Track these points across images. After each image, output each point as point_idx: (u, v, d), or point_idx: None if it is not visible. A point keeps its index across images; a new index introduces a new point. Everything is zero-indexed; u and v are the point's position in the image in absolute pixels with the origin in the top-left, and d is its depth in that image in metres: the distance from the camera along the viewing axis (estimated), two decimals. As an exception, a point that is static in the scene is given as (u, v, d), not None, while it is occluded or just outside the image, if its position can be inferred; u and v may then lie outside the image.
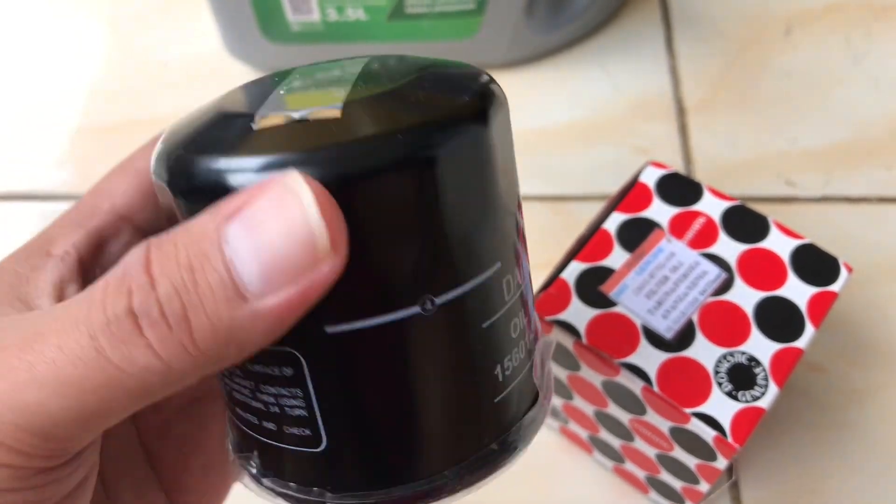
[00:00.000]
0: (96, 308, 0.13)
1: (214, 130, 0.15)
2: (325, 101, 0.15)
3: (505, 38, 0.44)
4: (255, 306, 0.13)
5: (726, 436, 0.25)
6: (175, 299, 0.13)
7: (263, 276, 0.13)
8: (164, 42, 0.49)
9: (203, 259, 0.13)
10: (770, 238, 0.29)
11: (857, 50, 0.46)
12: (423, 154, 0.14)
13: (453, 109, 0.15)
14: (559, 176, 0.42)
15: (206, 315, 0.13)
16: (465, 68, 0.17)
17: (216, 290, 0.13)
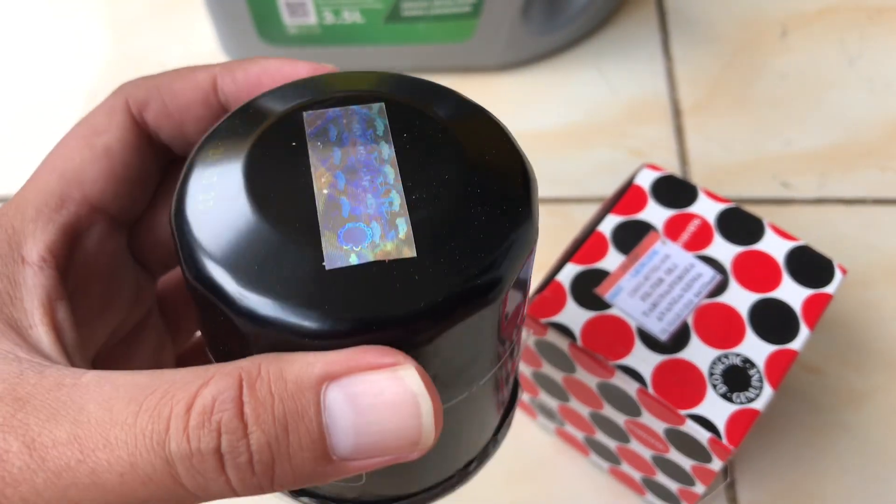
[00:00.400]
0: (178, 436, 0.13)
1: (278, 261, 0.14)
2: (389, 221, 0.15)
3: (501, 40, 0.44)
4: (339, 465, 0.14)
5: (721, 437, 0.26)
6: (265, 451, 0.13)
7: (356, 450, 0.14)
8: (161, 44, 0.49)
9: (298, 418, 0.13)
10: (765, 240, 0.29)
11: (852, 52, 0.47)
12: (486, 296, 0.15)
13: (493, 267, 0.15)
14: (555, 178, 0.42)
15: (291, 467, 0.13)
16: (507, 154, 0.17)
17: (306, 450, 0.13)
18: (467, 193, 0.15)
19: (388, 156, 0.16)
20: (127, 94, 0.19)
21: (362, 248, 0.14)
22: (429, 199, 0.15)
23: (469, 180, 0.15)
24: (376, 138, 0.16)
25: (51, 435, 0.13)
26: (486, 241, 0.15)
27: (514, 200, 0.16)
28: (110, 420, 0.13)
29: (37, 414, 0.14)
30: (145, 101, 0.19)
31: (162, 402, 0.13)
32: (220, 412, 0.13)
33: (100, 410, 0.13)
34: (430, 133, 0.16)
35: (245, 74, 0.19)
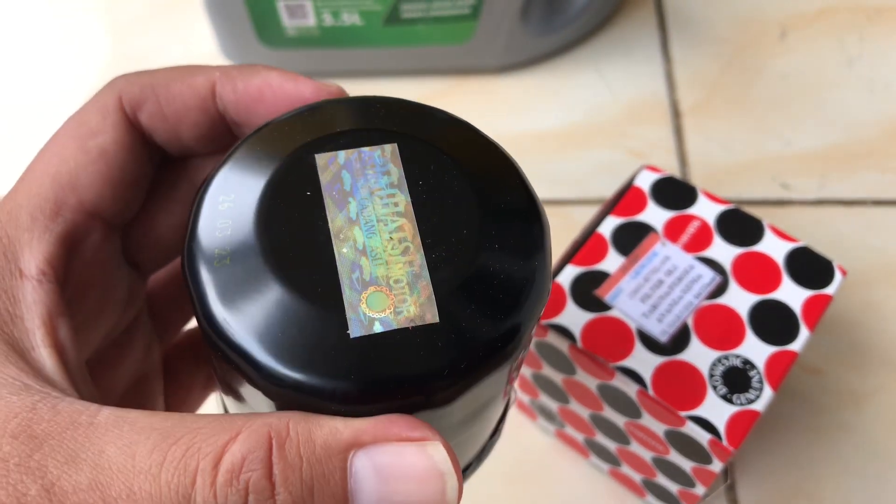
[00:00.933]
0: (205, 491, 0.13)
1: (301, 327, 0.14)
2: (411, 284, 0.15)
3: (500, 42, 0.44)
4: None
5: (721, 439, 0.26)
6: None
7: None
8: (160, 46, 0.49)
9: (325, 482, 0.13)
10: (764, 241, 0.29)
11: (851, 53, 0.46)
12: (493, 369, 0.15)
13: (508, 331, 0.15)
14: (555, 179, 0.42)
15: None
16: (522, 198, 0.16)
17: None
18: (486, 247, 0.15)
19: (405, 208, 0.16)
20: (120, 91, 0.18)
21: (386, 316, 0.14)
22: (448, 257, 0.15)
23: (487, 232, 0.15)
24: (391, 185, 0.16)
25: (71, 480, 0.13)
26: (506, 301, 0.15)
27: (530, 251, 0.16)
28: (133, 468, 0.13)
29: (55, 455, 0.13)
30: (140, 101, 0.18)
31: (188, 453, 0.13)
32: (250, 472, 0.13)
33: (122, 456, 0.13)
34: (446, 179, 0.16)
35: (246, 85, 0.18)
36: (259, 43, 0.44)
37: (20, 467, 0.13)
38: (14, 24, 0.51)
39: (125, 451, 0.13)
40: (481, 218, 0.16)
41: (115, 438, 0.13)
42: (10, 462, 0.13)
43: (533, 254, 0.16)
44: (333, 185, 0.16)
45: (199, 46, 0.48)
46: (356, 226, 0.15)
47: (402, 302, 0.14)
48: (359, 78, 0.46)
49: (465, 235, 0.15)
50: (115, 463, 0.13)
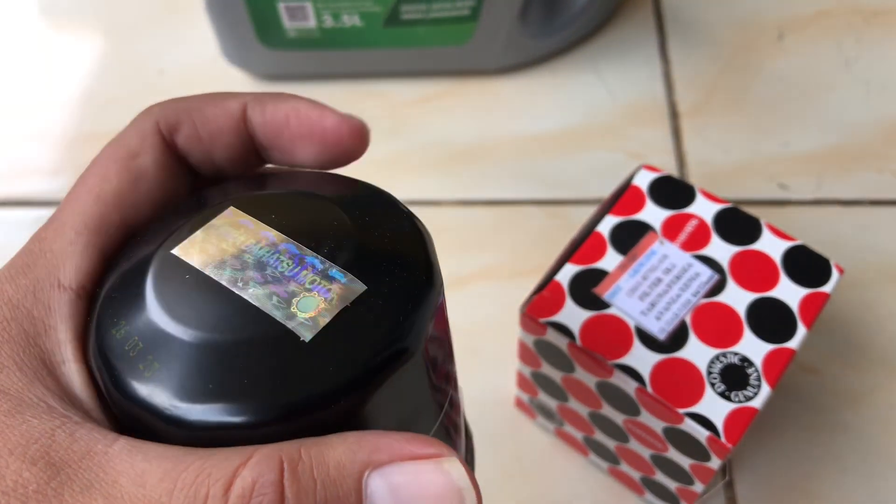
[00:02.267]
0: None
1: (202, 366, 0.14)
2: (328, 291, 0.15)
3: (499, 43, 0.44)
4: None
5: (719, 436, 0.26)
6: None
7: None
8: (161, 49, 0.49)
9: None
10: (762, 240, 0.29)
11: (849, 55, 0.47)
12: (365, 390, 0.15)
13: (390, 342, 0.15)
14: (554, 180, 0.43)
15: None
16: (402, 236, 0.17)
17: None
18: (368, 269, 0.16)
19: (279, 238, 0.16)
20: (157, 117, 0.18)
21: (323, 309, 0.15)
22: (335, 278, 0.16)
23: (367, 257, 0.16)
24: (257, 238, 0.16)
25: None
26: (393, 312, 0.15)
27: (413, 268, 0.16)
28: (143, 497, 0.13)
29: (70, 484, 0.13)
30: (176, 124, 0.18)
31: (198, 480, 0.13)
32: (261, 495, 0.13)
33: (132, 486, 0.13)
34: (322, 220, 0.17)
35: (274, 110, 0.18)
36: (260, 44, 0.44)
37: (38, 494, 0.13)
38: (11, 30, 0.51)
39: (136, 481, 0.13)
40: (361, 242, 0.16)
41: (128, 468, 0.13)
42: (28, 488, 0.13)
43: (417, 270, 0.16)
44: (207, 262, 0.16)
45: (199, 50, 0.49)
46: (248, 269, 0.15)
47: (327, 293, 0.15)
48: (359, 79, 0.47)
49: (348, 260, 0.16)
50: (127, 492, 0.13)
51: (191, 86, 0.47)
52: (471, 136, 0.45)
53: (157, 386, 0.14)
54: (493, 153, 0.44)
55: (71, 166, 0.45)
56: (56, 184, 0.44)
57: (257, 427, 0.14)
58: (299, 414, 0.14)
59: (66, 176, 0.44)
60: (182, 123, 0.18)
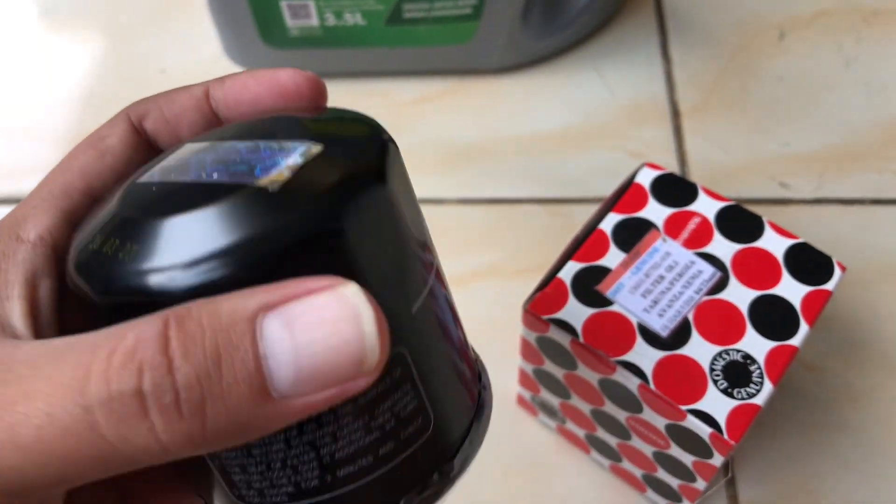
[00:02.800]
0: (97, 379, 0.12)
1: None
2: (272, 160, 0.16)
3: (501, 42, 0.44)
4: (279, 405, 0.12)
5: (722, 432, 0.26)
6: (195, 389, 0.12)
7: (297, 380, 0.12)
8: (163, 48, 0.49)
9: (233, 350, 0.12)
10: (764, 237, 0.29)
11: (849, 55, 0.47)
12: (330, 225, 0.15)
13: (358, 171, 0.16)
14: (555, 179, 0.43)
15: (226, 408, 0.12)
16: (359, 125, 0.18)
17: (242, 386, 0.12)
18: (324, 139, 0.16)
19: (243, 145, 0.17)
20: (128, 110, 0.20)
21: (293, 160, 0.15)
22: (292, 150, 0.16)
23: (322, 134, 0.17)
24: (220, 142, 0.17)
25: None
26: (352, 157, 0.16)
27: (366, 129, 0.17)
28: (33, 375, 0.13)
29: None
30: (145, 112, 0.19)
31: (86, 352, 0.12)
32: (143, 351, 0.12)
33: (25, 368, 0.13)
34: (277, 126, 0.17)
35: (232, 81, 0.19)
36: (262, 43, 0.44)
37: None
38: (12, 29, 0.51)
39: (29, 364, 0.13)
40: (312, 122, 0.17)
41: (26, 356, 0.13)
42: None
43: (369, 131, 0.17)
44: (170, 171, 0.17)
45: (202, 47, 0.49)
46: (210, 166, 0.16)
47: (285, 160, 0.15)
48: (361, 78, 0.47)
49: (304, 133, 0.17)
50: (19, 374, 0.13)
51: (193, 84, 0.47)
52: (473, 135, 0.45)
53: (138, 262, 0.14)
54: (494, 152, 0.44)
55: (73, 164, 0.45)
56: (58, 182, 0.44)
57: (237, 285, 0.13)
58: (275, 263, 0.13)
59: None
60: (150, 110, 0.19)
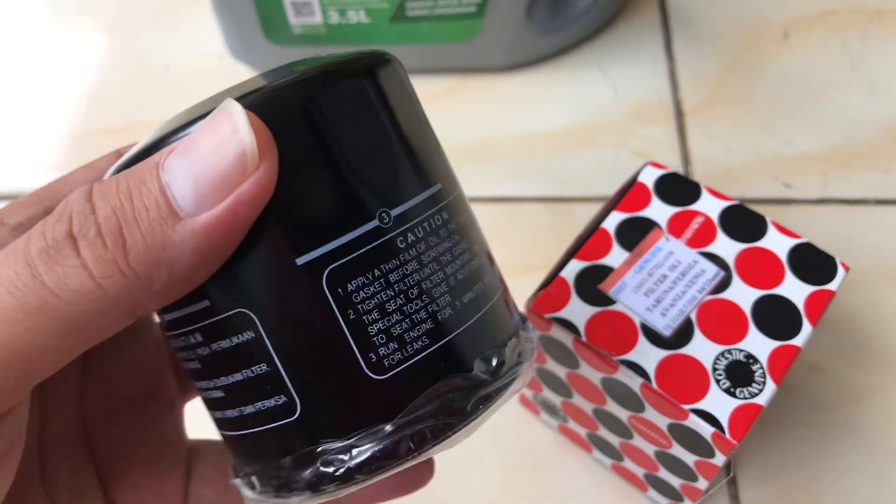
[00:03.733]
0: (36, 237, 0.14)
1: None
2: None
3: (505, 40, 0.44)
4: (188, 224, 0.14)
5: (724, 432, 0.26)
6: (112, 220, 0.13)
7: (196, 193, 0.14)
8: (166, 44, 0.49)
9: (140, 185, 0.14)
10: (768, 237, 0.29)
11: (854, 54, 0.47)
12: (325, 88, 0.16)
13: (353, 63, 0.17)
14: (559, 177, 0.43)
15: (141, 233, 0.13)
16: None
17: (151, 210, 0.13)
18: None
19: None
20: (120, 148, 0.21)
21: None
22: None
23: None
24: None
25: None
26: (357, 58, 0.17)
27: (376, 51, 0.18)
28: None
29: None
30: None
31: (31, 231, 0.14)
32: (72, 204, 0.14)
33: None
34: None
35: None
36: (265, 40, 0.44)
37: None
38: (16, 25, 0.51)
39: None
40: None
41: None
42: None
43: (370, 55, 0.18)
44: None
45: (205, 45, 0.49)
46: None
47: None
48: (364, 76, 0.47)
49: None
50: None
51: (196, 82, 0.47)
52: (476, 133, 0.45)
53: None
54: (497, 150, 0.44)
55: (76, 161, 0.45)
56: (61, 178, 0.44)
57: None
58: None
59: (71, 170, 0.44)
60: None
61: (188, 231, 0.13)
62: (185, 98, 0.46)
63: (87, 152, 0.45)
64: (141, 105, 0.47)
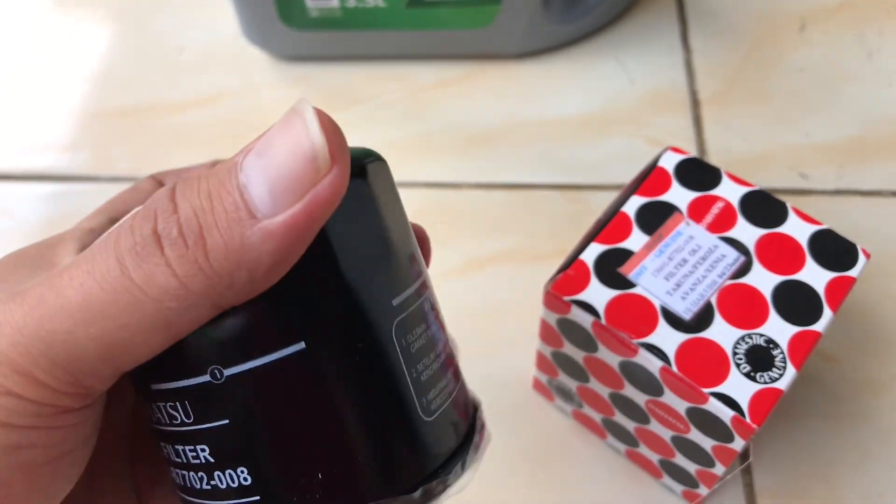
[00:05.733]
0: (125, 233, 0.14)
1: None
2: None
3: (521, 28, 0.44)
4: (264, 225, 0.14)
5: (745, 416, 0.26)
6: (193, 220, 0.14)
7: (272, 195, 0.14)
8: (181, 27, 0.49)
9: (220, 186, 0.14)
10: (788, 223, 0.29)
11: (871, 46, 0.47)
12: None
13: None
14: (573, 165, 0.43)
15: (220, 234, 0.14)
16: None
17: (230, 212, 0.14)
18: None
19: None
20: (152, 175, 0.22)
21: None
22: None
23: None
24: None
25: (30, 282, 0.15)
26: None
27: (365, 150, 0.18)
28: (76, 257, 0.15)
29: (25, 271, 0.16)
30: (165, 175, 0.22)
31: (121, 222, 0.15)
32: (157, 202, 0.14)
33: (70, 256, 0.16)
34: None
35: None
36: (281, 23, 0.44)
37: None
38: (33, 6, 0.51)
39: (66, 259, 0.17)
40: None
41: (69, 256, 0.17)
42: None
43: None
44: None
45: (220, 28, 0.48)
46: None
47: None
48: (380, 61, 0.47)
49: None
50: (64, 261, 0.16)
51: (210, 65, 0.47)
52: (491, 120, 0.44)
53: None
54: (512, 137, 0.44)
55: (90, 142, 0.45)
56: (74, 159, 0.44)
57: None
58: None
59: (84, 151, 0.44)
60: (169, 174, 0.22)
61: (266, 232, 0.14)
62: (200, 80, 0.46)
63: (100, 132, 0.45)
64: (154, 87, 0.47)
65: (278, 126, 0.14)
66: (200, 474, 0.16)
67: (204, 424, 0.16)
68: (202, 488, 0.16)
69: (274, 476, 0.16)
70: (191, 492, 0.17)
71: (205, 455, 0.16)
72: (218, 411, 0.16)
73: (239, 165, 0.14)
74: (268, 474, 0.16)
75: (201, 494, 0.17)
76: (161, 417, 0.16)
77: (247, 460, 0.16)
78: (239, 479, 0.16)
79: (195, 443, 0.16)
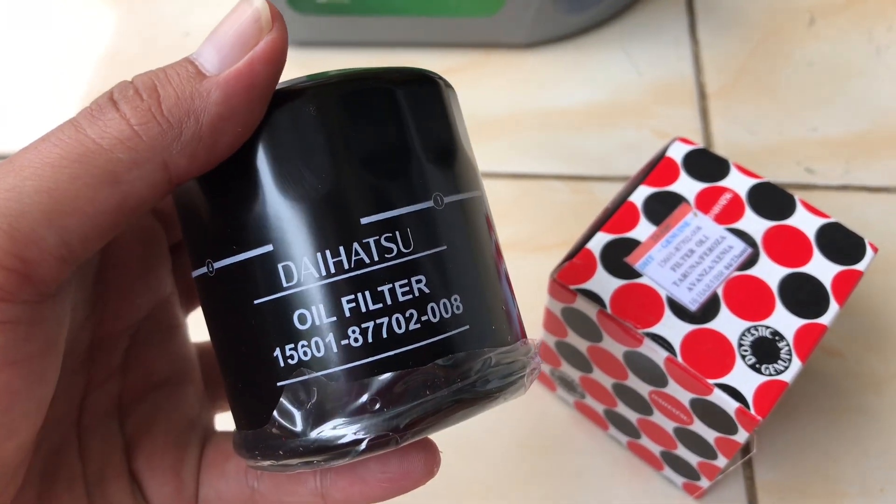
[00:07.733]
0: (84, 108, 0.16)
1: None
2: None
3: (528, 16, 0.44)
4: (213, 78, 0.16)
5: (749, 407, 0.26)
6: (148, 81, 0.16)
7: (219, 55, 0.16)
8: (187, 11, 0.49)
9: (174, 64, 0.16)
10: (796, 215, 0.29)
11: (880, 42, 0.46)
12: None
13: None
14: (579, 156, 0.42)
15: (173, 88, 0.16)
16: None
17: (181, 73, 0.16)
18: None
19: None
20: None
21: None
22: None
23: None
24: None
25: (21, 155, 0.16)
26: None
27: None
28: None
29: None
30: None
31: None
32: (115, 85, 0.16)
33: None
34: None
35: None
36: (289, 8, 0.43)
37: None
38: (41, -17, 0.51)
39: None
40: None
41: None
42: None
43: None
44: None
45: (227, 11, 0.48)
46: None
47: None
48: (387, 48, 0.46)
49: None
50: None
51: (216, 49, 0.47)
52: (497, 109, 0.44)
53: None
54: (518, 127, 0.44)
55: (94, 125, 0.45)
56: (78, 141, 0.44)
57: None
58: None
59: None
60: None
61: (213, 83, 0.16)
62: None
63: (104, 116, 0.45)
64: (159, 71, 0.46)
65: (228, 14, 0.16)
66: (410, 312, 0.16)
67: (423, 252, 0.16)
68: (406, 330, 0.16)
69: (478, 303, 0.17)
70: (378, 345, 0.16)
71: (420, 286, 0.16)
72: (438, 237, 0.16)
73: (194, 53, 0.16)
74: (478, 301, 0.17)
75: (401, 340, 0.16)
76: (363, 258, 0.16)
77: (460, 288, 0.17)
78: (452, 308, 0.16)
79: (411, 274, 0.16)
